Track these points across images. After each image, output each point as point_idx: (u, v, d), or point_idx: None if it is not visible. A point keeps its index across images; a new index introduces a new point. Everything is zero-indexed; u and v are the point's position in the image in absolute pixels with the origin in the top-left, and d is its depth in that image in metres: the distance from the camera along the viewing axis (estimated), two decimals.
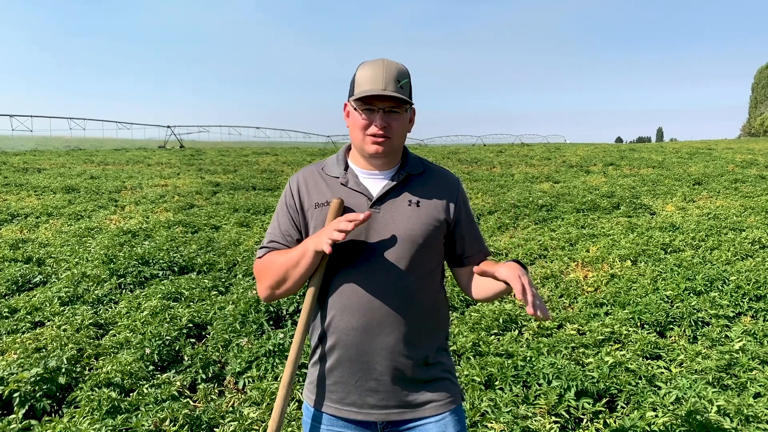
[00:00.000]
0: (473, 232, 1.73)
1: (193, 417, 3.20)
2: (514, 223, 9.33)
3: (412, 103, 1.61)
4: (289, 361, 1.58)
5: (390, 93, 1.53)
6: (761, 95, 77.91)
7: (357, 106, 1.58)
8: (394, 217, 1.59)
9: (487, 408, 3.27)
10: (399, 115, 1.59)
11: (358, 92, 1.56)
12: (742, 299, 5.02)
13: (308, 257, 1.53)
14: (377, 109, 1.56)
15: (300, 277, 1.57)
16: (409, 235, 1.58)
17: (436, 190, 1.67)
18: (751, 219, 8.77)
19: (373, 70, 1.56)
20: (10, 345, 4.19)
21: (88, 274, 5.96)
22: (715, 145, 30.88)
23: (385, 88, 1.53)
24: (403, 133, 1.63)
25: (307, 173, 1.70)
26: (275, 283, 1.61)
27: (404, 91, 1.57)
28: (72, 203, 11.11)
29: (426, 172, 1.70)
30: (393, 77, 1.55)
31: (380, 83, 1.54)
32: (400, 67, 1.58)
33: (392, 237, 1.57)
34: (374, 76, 1.55)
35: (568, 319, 4.83)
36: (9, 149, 26.78)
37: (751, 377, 3.66)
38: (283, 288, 1.61)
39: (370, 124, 1.57)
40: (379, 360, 1.58)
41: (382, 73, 1.55)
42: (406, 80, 1.58)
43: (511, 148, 33.61)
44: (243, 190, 13.63)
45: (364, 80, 1.56)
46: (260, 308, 4.82)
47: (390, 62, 1.58)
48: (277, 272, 1.59)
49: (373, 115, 1.56)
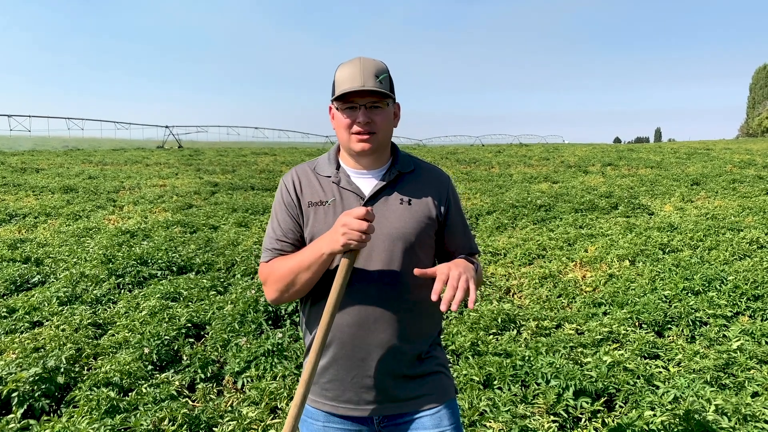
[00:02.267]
0: (463, 230, 1.75)
1: (192, 416, 3.20)
2: (512, 223, 9.34)
3: (392, 96, 1.61)
4: (302, 381, 1.51)
5: (369, 87, 1.53)
6: (759, 96, 78.04)
7: (338, 105, 1.59)
8: (386, 216, 1.61)
9: (485, 407, 3.27)
10: (381, 110, 1.59)
11: (338, 92, 1.57)
12: (740, 299, 5.03)
13: (322, 261, 1.51)
14: (359, 106, 1.57)
15: (309, 280, 1.55)
16: (402, 234, 1.60)
17: (426, 188, 1.68)
18: (749, 219, 8.78)
19: (350, 69, 1.57)
20: (8, 345, 4.19)
21: (86, 274, 5.95)
22: (713, 145, 30.93)
23: (363, 84, 1.54)
24: (388, 127, 1.63)
25: (300, 172, 1.71)
26: (285, 286, 1.58)
27: (383, 86, 1.57)
28: (70, 203, 11.09)
29: (416, 170, 1.71)
30: (371, 73, 1.56)
31: (358, 80, 1.54)
32: (378, 63, 1.59)
33: (385, 236, 1.59)
34: (352, 75, 1.56)
35: (567, 319, 4.83)
36: (7, 149, 26.74)
37: (749, 376, 3.67)
38: (292, 291, 1.59)
39: (354, 122, 1.58)
40: (374, 356, 1.59)
41: (360, 70, 1.55)
42: (384, 75, 1.58)
43: (509, 148, 33.64)
44: (241, 190, 13.63)
45: (342, 80, 1.57)
46: (259, 308, 4.82)
47: (367, 59, 1.59)
48: (287, 276, 1.57)
49: (355, 113, 1.57)
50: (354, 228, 1.43)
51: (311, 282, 1.56)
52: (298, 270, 1.55)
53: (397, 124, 1.69)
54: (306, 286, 1.57)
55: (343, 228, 1.45)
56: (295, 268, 1.55)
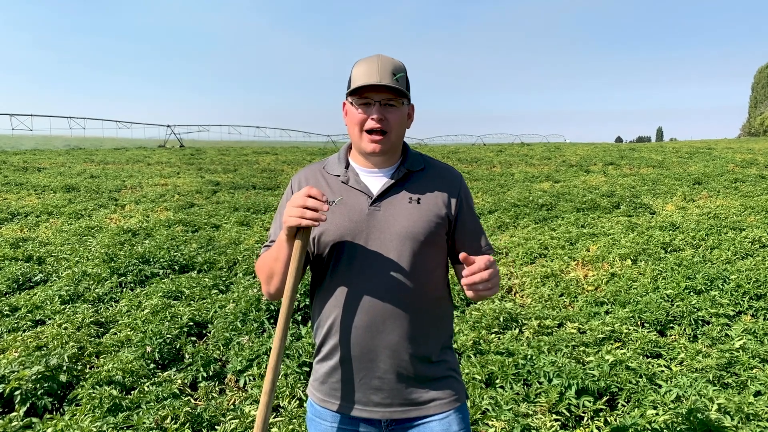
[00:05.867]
0: (475, 228, 1.71)
1: (194, 415, 3.20)
2: (514, 222, 9.33)
3: (408, 96, 1.60)
4: (269, 368, 1.54)
5: (385, 83, 1.53)
6: (761, 95, 77.90)
7: (353, 100, 1.58)
8: (394, 215, 1.59)
9: (487, 406, 3.27)
10: (396, 109, 1.58)
11: (353, 86, 1.56)
12: (743, 298, 5.02)
13: (283, 248, 1.52)
14: (373, 102, 1.56)
15: (282, 271, 1.54)
16: (410, 233, 1.57)
17: (437, 186, 1.65)
18: (751, 218, 8.77)
19: (368, 65, 1.56)
20: (11, 343, 4.19)
21: (88, 272, 5.96)
22: (715, 144, 30.87)
23: (380, 80, 1.53)
24: (401, 127, 1.62)
25: (308, 172, 1.71)
26: (266, 278, 1.61)
27: (400, 84, 1.57)
28: (72, 202, 11.11)
29: (426, 168, 1.69)
30: (388, 70, 1.55)
31: (375, 76, 1.54)
32: (396, 62, 1.58)
33: (393, 235, 1.57)
34: (369, 71, 1.55)
35: (569, 318, 4.83)
36: (9, 148, 26.79)
37: (752, 375, 3.66)
38: (273, 284, 1.59)
39: (367, 118, 1.56)
40: (383, 358, 1.57)
41: (377, 67, 1.55)
42: (401, 74, 1.58)
43: (511, 147, 33.61)
44: (243, 190, 13.62)
45: (359, 75, 1.56)
46: (261, 306, 4.82)
47: (385, 57, 1.58)
48: (265, 269, 1.61)
49: (370, 109, 1.56)
50: (293, 205, 1.44)
51: (285, 271, 1.54)
52: (270, 260, 1.58)
53: (410, 125, 1.68)
54: (282, 276, 1.55)
55: (286, 208, 1.46)
56: (269, 260, 1.59)
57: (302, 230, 1.49)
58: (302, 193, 1.44)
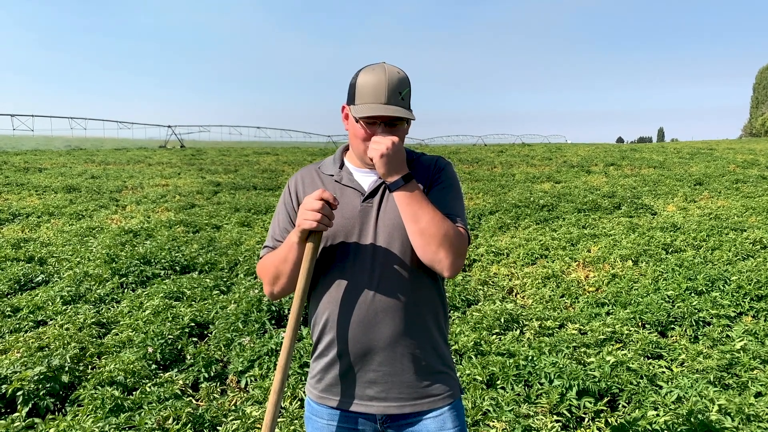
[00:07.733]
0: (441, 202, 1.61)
1: (195, 415, 3.21)
2: (515, 223, 9.33)
3: (412, 117, 1.61)
4: (278, 367, 1.59)
5: (392, 114, 1.54)
6: (762, 95, 77.87)
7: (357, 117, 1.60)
8: (385, 210, 1.62)
9: (488, 407, 3.28)
10: (399, 128, 1.61)
11: (359, 104, 1.57)
12: (744, 299, 5.02)
13: (294, 250, 1.56)
14: (379, 123, 1.58)
15: (290, 272, 1.59)
16: (400, 226, 1.59)
17: (421, 178, 1.67)
18: (752, 219, 8.77)
19: (374, 80, 1.56)
20: (13, 344, 4.21)
21: (90, 273, 5.97)
22: (716, 145, 30.86)
23: (387, 101, 1.55)
24: (402, 141, 1.65)
25: (304, 172, 1.75)
26: (271, 279, 1.64)
27: (405, 103, 1.59)
28: (73, 203, 11.12)
29: (414, 162, 1.70)
30: (395, 88, 1.56)
31: (382, 96, 1.55)
32: (401, 76, 1.59)
33: (384, 230, 1.60)
34: (376, 88, 1.55)
35: (570, 319, 4.83)
36: (10, 149, 26.83)
37: (753, 377, 3.67)
38: (279, 285, 1.64)
39: (371, 135, 1.58)
40: (378, 352, 1.60)
41: (385, 84, 1.55)
42: (406, 89, 1.59)
43: (512, 148, 33.61)
44: (244, 190, 13.64)
45: (365, 91, 1.57)
46: (262, 307, 4.83)
47: (391, 70, 1.57)
48: (271, 270, 1.64)
49: (374, 128, 1.58)
50: (308, 208, 1.48)
51: (293, 272, 1.59)
52: (278, 262, 1.61)
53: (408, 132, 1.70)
54: (290, 277, 1.60)
55: (300, 211, 1.50)
56: (276, 261, 1.62)
57: (315, 233, 1.54)
58: (316, 196, 1.49)
